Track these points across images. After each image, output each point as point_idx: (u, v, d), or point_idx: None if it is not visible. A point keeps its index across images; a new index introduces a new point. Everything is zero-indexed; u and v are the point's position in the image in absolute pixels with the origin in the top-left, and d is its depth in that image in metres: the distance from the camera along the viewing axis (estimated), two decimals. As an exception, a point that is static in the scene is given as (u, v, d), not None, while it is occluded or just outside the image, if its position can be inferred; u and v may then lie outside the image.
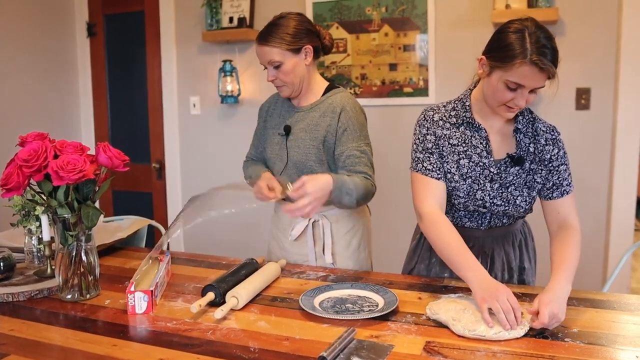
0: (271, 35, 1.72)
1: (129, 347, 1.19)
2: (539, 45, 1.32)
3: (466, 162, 1.49)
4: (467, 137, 1.50)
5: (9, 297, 1.47)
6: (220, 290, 1.41)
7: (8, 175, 1.37)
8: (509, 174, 1.49)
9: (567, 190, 1.50)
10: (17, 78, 3.28)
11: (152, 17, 3.52)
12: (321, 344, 1.17)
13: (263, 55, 1.75)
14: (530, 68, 1.32)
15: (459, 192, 1.50)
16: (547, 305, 1.20)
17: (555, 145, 1.50)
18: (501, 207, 1.51)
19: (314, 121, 1.79)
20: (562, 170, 1.50)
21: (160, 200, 3.68)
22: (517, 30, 1.36)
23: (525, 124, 1.50)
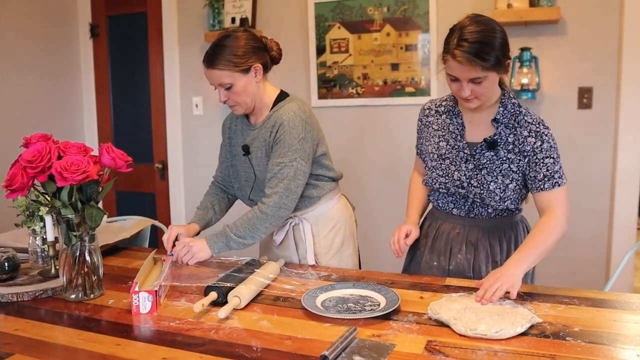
0: (218, 58, 1.67)
1: (132, 347, 1.20)
2: (460, 39, 1.45)
3: (444, 144, 1.66)
4: (446, 124, 1.67)
5: (13, 297, 1.48)
6: (222, 290, 1.41)
7: (12, 176, 1.38)
8: (483, 157, 1.58)
9: (559, 183, 1.54)
10: (21, 79, 3.30)
11: (155, 18, 3.53)
12: (323, 343, 1.18)
13: (212, 78, 1.70)
14: (453, 61, 1.46)
15: (438, 170, 1.66)
16: (489, 278, 1.36)
17: (538, 137, 1.53)
18: (477, 188, 1.59)
19: (262, 138, 1.78)
20: (550, 163, 1.53)
21: (163, 201, 3.69)
22: (453, 27, 1.52)
23: (505, 115, 1.57)
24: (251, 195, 1.87)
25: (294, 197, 1.71)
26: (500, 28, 1.49)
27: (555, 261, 2.77)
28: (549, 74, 2.70)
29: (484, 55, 1.43)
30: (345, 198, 2.00)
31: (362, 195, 3.02)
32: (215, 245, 1.70)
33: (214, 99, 3.42)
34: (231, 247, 1.71)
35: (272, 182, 1.71)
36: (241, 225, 1.70)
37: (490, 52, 1.44)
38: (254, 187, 1.85)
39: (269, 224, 1.70)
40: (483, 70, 1.44)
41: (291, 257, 1.87)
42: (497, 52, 1.45)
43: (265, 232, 1.72)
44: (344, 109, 3.06)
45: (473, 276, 1.63)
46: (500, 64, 1.47)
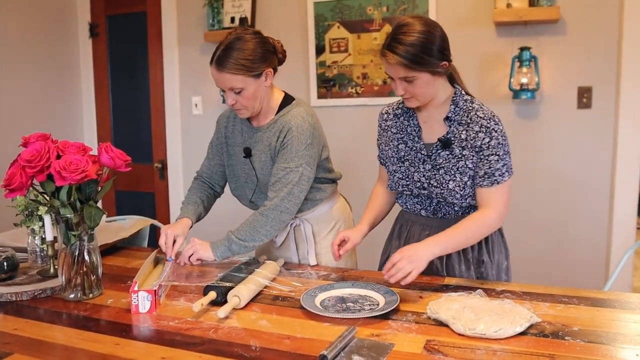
0: (230, 62, 1.62)
1: (131, 346, 1.20)
2: (391, 39, 1.49)
3: (403, 147, 1.67)
4: (403, 126, 1.68)
5: (12, 297, 1.48)
6: (221, 289, 1.41)
7: (11, 176, 1.38)
8: (439, 157, 1.59)
9: (498, 181, 1.53)
10: (20, 79, 3.30)
11: (154, 17, 3.53)
12: (322, 343, 1.18)
13: (222, 81, 1.66)
14: (383, 59, 1.51)
15: (399, 173, 1.67)
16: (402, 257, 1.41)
17: (488, 134, 1.52)
18: (437, 189, 1.60)
19: (267, 141, 1.76)
20: (493, 160, 1.52)
21: (162, 200, 3.69)
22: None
23: (457, 112, 1.57)
24: (252, 198, 1.87)
25: (296, 202, 1.71)
26: (436, 31, 1.49)
27: (554, 260, 2.78)
28: (548, 74, 2.70)
29: (410, 56, 1.45)
30: (343, 198, 2.00)
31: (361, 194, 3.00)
32: (218, 249, 1.70)
33: (213, 99, 3.42)
34: (233, 251, 1.71)
35: (276, 186, 1.70)
36: (243, 228, 1.71)
37: (418, 53, 1.45)
38: (256, 190, 1.84)
39: (270, 228, 1.70)
40: (409, 70, 1.47)
41: (291, 258, 1.87)
42: (427, 54, 1.46)
43: (267, 236, 1.71)
44: (344, 109, 3.06)
45: (447, 275, 1.64)
46: (430, 66, 1.48)
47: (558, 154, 2.73)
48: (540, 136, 2.74)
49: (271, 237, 1.74)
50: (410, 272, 1.40)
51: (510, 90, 2.70)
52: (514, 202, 2.45)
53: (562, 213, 2.75)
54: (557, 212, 2.76)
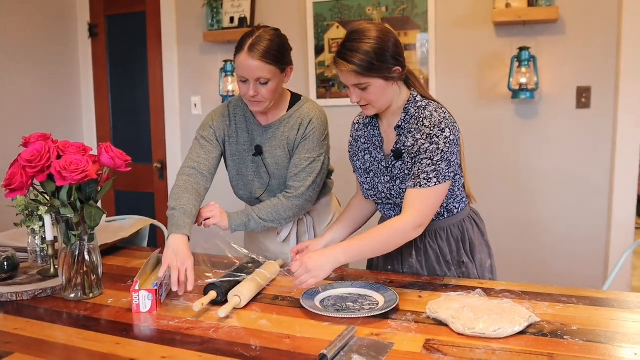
0: (264, 50, 1.61)
1: (131, 346, 1.20)
2: (342, 45, 1.47)
3: (368, 157, 1.65)
4: (370, 135, 1.65)
5: (13, 297, 1.48)
6: (222, 289, 1.42)
7: (12, 176, 1.38)
8: (394, 168, 1.57)
9: (421, 184, 1.46)
10: (20, 79, 3.30)
11: (154, 17, 3.53)
12: (322, 342, 1.18)
13: (253, 70, 1.62)
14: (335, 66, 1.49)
15: (365, 184, 1.65)
16: (302, 258, 1.40)
17: (428, 139, 1.46)
18: (398, 199, 1.58)
19: (285, 135, 1.77)
20: (425, 163, 1.46)
21: (162, 200, 3.69)
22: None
23: (407, 120, 1.54)
24: (262, 196, 1.85)
25: (317, 191, 1.78)
26: (388, 37, 1.45)
27: (553, 260, 2.78)
28: (547, 74, 2.71)
29: (362, 62, 1.42)
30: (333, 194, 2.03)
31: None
32: (234, 222, 1.71)
33: (213, 99, 3.42)
34: (249, 227, 1.73)
35: (301, 175, 1.74)
36: (265, 209, 1.74)
37: (368, 60, 1.42)
38: (267, 188, 1.83)
39: (292, 214, 1.75)
40: (361, 77, 1.44)
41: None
42: (378, 60, 1.43)
43: (287, 220, 1.77)
44: (343, 109, 3.06)
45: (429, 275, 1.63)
46: (380, 71, 1.44)
47: (557, 154, 2.73)
48: (539, 136, 2.75)
49: (289, 222, 1.79)
50: (307, 281, 1.39)
51: (509, 90, 2.70)
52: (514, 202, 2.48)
53: (561, 213, 2.75)
54: (556, 211, 2.76)
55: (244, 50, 1.62)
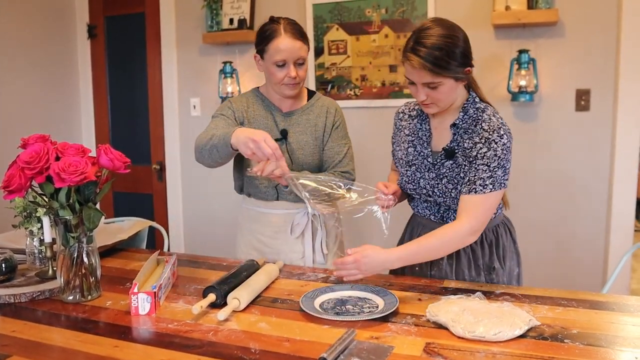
0: (301, 31, 1.77)
1: (130, 348, 1.20)
2: (416, 42, 1.44)
3: (412, 150, 1.64)
4: (416, 129, 1.65)
5: (10, 299, 1.47)
6: (221, 291, 1.41)
7: (10, 177, 1.38)
8: (443, 167, 1.57)
9: (476, 190, 1.47)
10: (18, 80, 3.29)
11: (153, 18, 3.53)
12: (321, 345, 1.17)
13: (296, 51, 1.73)
14: (407, 63, 1.46)
15: (405, 177, 1.65)
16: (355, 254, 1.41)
17: (487, 145, 1.47)
18: (441, 197, 1.58)
19: (312, 122, 1.85)
20: (482, 169, 1.47)
21: (160, 202, 3.68)
22: (411, 32, 1.50)
23: (465, 120, 1.54)
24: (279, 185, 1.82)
25: None
26: (460, 35, 1.46)
27: (552, 263, 2.78)
28: (547, 76, 2.71)
29: (437, 60, 1.41)
30: None
31: (360, 196, 3.01)
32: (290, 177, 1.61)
33: (212, 100, 3.42)
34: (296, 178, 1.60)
35: (345, 160, 1.87)
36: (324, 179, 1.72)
37: (444, 57, 1.41)
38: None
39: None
40: (435, 75, 1.43)
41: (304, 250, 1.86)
42: (452, 58, 1.42)
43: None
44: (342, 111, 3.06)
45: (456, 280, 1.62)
46: (456, 71, 1.44)
47: (556, 157, 2.73)
48: (538, 138, 2.75)
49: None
50: (355, 277, 1.43)
51: (509, 92, 2.71)
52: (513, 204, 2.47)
53: (560, 215, 2.75)
54: (555, 214, 2.76)
55: (283, 34, 1.73)
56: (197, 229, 3.60)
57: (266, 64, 1.79)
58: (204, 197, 3.53)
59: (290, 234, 1.87)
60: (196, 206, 3.57)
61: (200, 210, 3.56)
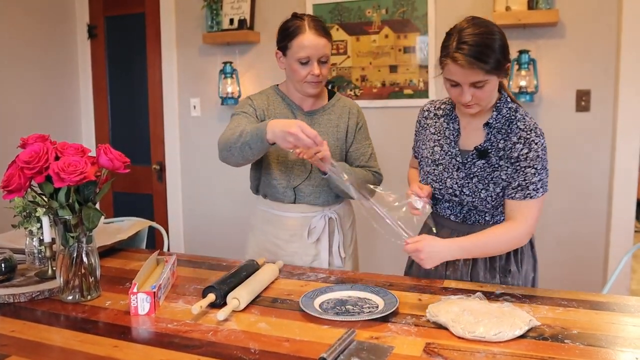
0: (325, 28, 1.73)
1: (129, 349, 1.19)
2: (460, 42, 1.41)
3: (438, 150, 1.63)
4: (443, 128, 1.64)
5: (10, 298, 1.47)
6: (221, 291, 1.41)
7: (9, 177, 1.38)
8: (474, 166, 1.55)
9: (531, 195, 1.48)
10: (18, 80, 3.29)
11: (153, 19, 3.53)
12: (321, 346, 1.17)
13: (320, 48, 1.70)
14: (454, 65, 1.41)
15: (432, 176, 1.64)
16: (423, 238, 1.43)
17: (527, 145, 1.48)
18: (469, 197, 1.57)
19: (333, 122, 1.83)
20: (530, 173, 1.48)
21: (160, 202, 3.68)
22: (451, 30, 1.48)
23: (499, 120, 1.53)
24: (301, 185, 1.81)
25: None
26: (499, 30, 1.45)
27: (553, 263, 2.78)
28: (547, 77, 2.71)
29: (485, 58, 1.38)
30: None
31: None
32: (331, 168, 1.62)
33: (212, 100, 3.42)
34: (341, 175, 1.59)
35: (371, 161, 1.89)
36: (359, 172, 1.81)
37: (491, 54, 1.39)
38: (309, 176, 1.80)
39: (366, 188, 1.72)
40: (485, 73, 1.40)
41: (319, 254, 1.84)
42: (498, 54, 1.40)
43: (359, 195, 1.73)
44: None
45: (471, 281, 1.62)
46: (501, 67, 1.43)
47: (556, 157, 2.72)
48: (538, 139, 2.75)
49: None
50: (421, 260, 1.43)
51: (509, 93, 2.70)
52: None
53: (561, 216, 2.75)
54: (556, 215, 2.76)
55: (307, 30, 1.70)
56: (196, 229, 3.60)
57: (289, 61, 1.75)
58: (204, 197, 3.53)
59: (307, 238, 1.83)
60: (196, 206, 3.57)
61: (200, 211, 3.56)
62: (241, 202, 3.40)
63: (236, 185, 3.40)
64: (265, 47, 3.23)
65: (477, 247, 1.49)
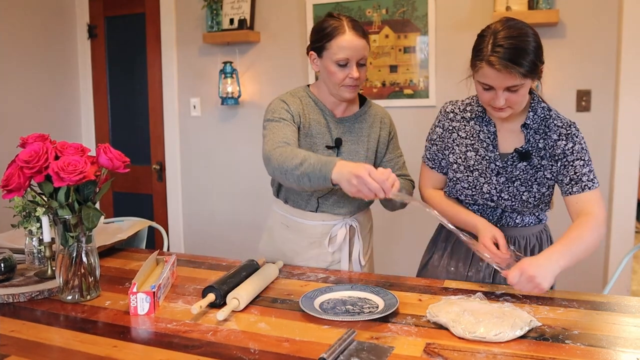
0: (365, 32, 1.64)
1: (129, 349, 1.19)
2: (495, 45, 1.36)
3: (473, 155, 1.55)
4: (475, 131, 1.56)
5: (9, 298, 1.47)
6: (220, 291, 1.41)
7: (9, 177, 1.37)
8: (515, 169, 1.51)
9: (589, 186, 1.47)
10: (18, 79, 3.29)
11: (153, 19, 3.53)
12: (321, 346, 1.17)
13: (360, 49, 1.61)
14: (489, 69, 1.36)
15: (463, 183, 1.56)
16: (521, 266, 1.28)
17: (569, 139, 1.47)
18: (508, 201, 1.53)
19: (364, 132, 1.75)
20: (579, 165, 1.47)
21: (160, 202, 3.68)
22: (483, 32, 1.44)
23: (535, 120, 1.50)
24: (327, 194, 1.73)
25: None
26: (533, 32, 1.40)
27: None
28: (547, 77, 2.68)
29: (522, 61, 1.34)
30: None
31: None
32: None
33: (212, 100, 3.42)
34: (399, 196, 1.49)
35: (404, 168, 1.82)
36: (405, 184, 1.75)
37: (527, 57, 1.34)
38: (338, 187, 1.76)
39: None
40: (521, 77, 1.35)
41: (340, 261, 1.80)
42: (533, 57, 1.36)
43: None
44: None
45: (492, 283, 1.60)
46: (536, 70, 1.38)
47: (557, 157, 2.73)
48: (539, 139, 2.74)
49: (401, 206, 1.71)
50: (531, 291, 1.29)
51: (509, 93, 2.70)
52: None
53: (561, 216, 2.74)
54: (556, 215, 2.75)
55: (347, 31, 1.61)
56: (196, 229, 3.60)
57: (325, 63, 1.65)
58: (204, 197, 3.53)
59: (327, 247, 1.78)
60: (196, 206, 3.57)
61: (200, 210, 3.56)
62: (241, 202, 3.40)
63: (236, 185, 3.40)
64: (265, 47, 3.23)
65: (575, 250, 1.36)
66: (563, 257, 1.32)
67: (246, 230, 3.37)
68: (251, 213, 3.37)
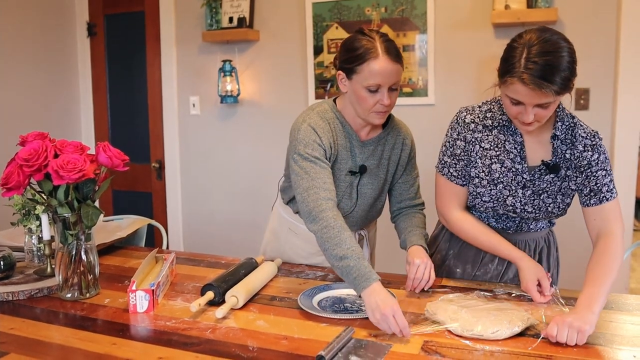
0: (400, 55, 1.51)
1: (128, 346, 1.20)
2: (528, 61, 1.27)
3: (498, 167, 1.46)
4: (500, 141, 1.47)
5: (9, 296, 1.47)
6: (219, 289, 1.41)
7: (8, 175, 1.38)
8: (542, 181, 1.46)
9: (607, 197, 1.42)
10: (18, 77, 3.29)
11: (152, 17, 3.52)
12: (319, 343, 1.17)
13: (394, 75, 1.48)
14: (521, 85, 1.28)
15: (486, 196, 1.49)
16: (558, 320, 1.17)
17: (595, 150, 1.42)
18: (532, 213, 1.49)
19: (386, 154, 1.67)
20: (601, 175, 1.42)
21: (159, 200, 3.68)
22: (514, 42, 1.35)
23: (563, 131, 1.44)
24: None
25: None
26: (568, 45, 1.30)
27: (551, 262, 2.78)
28: (546, 75, 2.70)
29: (556, 78, 1.25)
30: None
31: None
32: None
33: (211, 99, 3.42)
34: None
35: (418, 192, 1.75)
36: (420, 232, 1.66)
37: (561, 74, 1.26)
38: (353, 210, 1.68)
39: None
40: (554, 94, 1.27)
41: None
42: (568, 73, 1.27)
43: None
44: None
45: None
46: (569, 86, 1.30)
47: (555, 156, 2.73)
48: (537, 138, 2.75)
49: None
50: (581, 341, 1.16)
51: (508, 91, 2.70)
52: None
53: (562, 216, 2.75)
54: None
55: (381, 55, 1.46)
56: (195, 227, 3.60)
57: (354, 87, 1.51)
58: (203, 195, 3.53)
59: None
60: (195, 204, 3.57)
61: (199, 209, 3.56)
62: (240, 200, 3.40)
63: (235, 183, 3.40)
64: (264, 45, 3.23)
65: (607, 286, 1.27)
66: (600, 304, 1.23)
67: (245, 229, 3.38)
68: (250, 211, 3.38)
